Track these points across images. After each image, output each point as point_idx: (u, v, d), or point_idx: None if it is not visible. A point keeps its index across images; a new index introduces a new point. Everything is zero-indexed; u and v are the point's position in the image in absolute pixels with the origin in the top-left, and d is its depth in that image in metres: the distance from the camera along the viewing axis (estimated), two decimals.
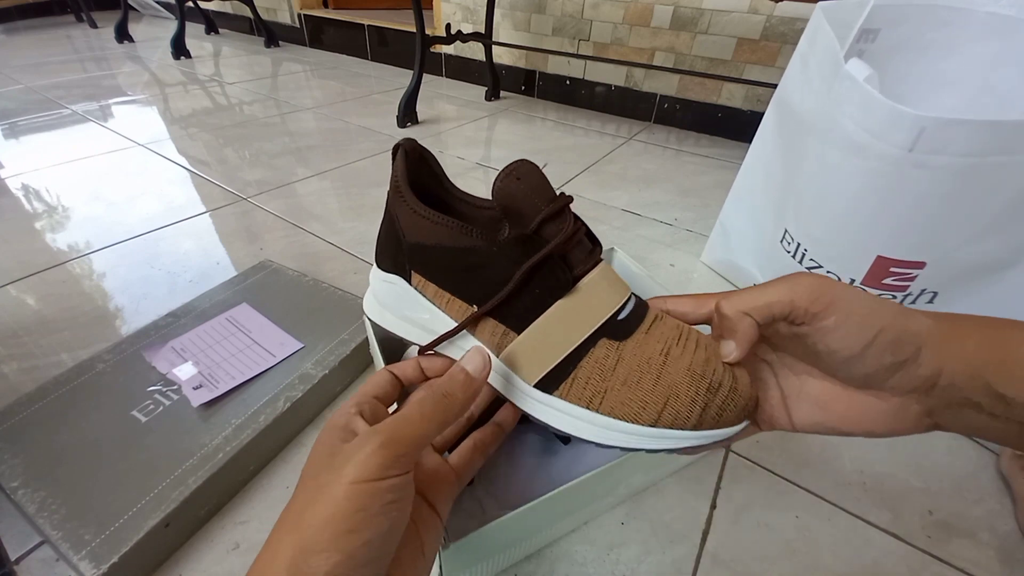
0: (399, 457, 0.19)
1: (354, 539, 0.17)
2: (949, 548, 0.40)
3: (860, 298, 0.22)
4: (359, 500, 0.18)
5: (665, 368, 0.23)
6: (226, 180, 0.93)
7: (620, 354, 0.23)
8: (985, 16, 0.46)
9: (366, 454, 0.19)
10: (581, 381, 0.23)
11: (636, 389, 0.23)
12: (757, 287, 0.24)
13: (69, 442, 0.40)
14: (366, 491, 0.18)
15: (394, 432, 0.20)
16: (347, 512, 0.18)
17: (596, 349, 0.24)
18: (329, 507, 0.18)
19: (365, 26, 1.88)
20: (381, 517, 0.18)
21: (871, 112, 0.42)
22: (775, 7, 1.11)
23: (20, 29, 2.20)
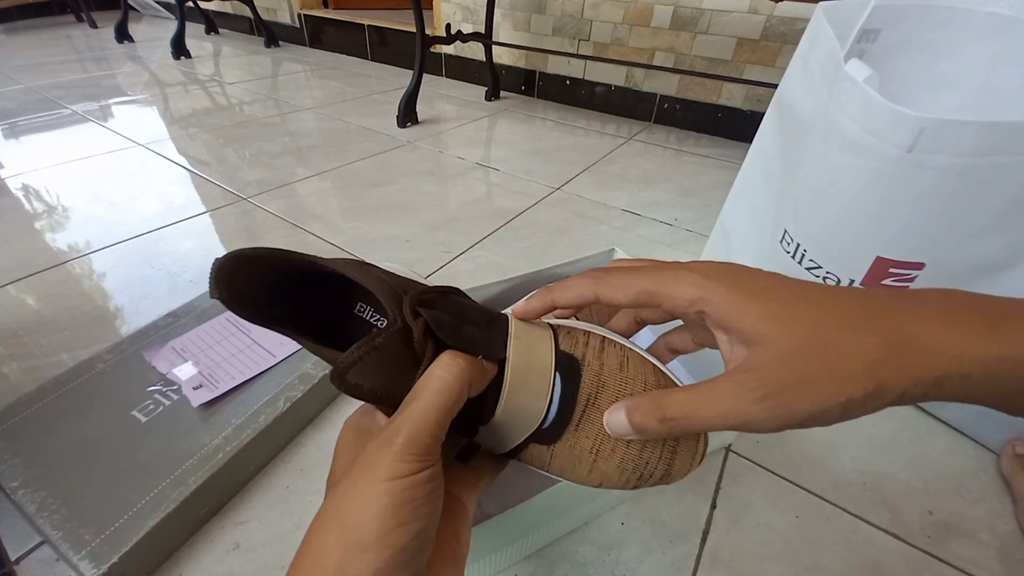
0: (428, 446, 0.19)
1: (404, 533, 0.18)
2: (949, 548, 0.40)
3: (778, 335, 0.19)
4: (403, 494, 0.18)
5: (595, 465, 0.24)
6: (226, 180, 0.93)
7: (552, 453, 0.24)
8: (985, 16, 0.46)
9: (397, 450, 0.19)
10: (526, 459, 0.25)
11: (572, 475, 0.25)
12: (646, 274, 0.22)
13: (69, 442, 0.40)
14: (407, 485, 0.18)
15: (417, 423, 0.20)
16: (394, 508, 0.18)
17: (529, 449, 0.25)
18: (373, 505, 0.18)
19: (365, 26, 1.88)
20: (426, 507, 0.19)
21: (871, 112, 0.42)
22: (775, 7, 1.11)
23: (20, 29, 2.20)
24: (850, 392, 0.17)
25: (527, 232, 0.81)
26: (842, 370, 0.17)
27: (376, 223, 0.81)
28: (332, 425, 0.48)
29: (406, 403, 0.21)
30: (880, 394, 0.17)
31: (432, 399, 0.20)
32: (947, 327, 0.17)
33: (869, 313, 0.18)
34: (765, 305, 0.19)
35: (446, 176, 1.00)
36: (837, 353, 0.18)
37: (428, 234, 0.79)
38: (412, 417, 0.20)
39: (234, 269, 0.23)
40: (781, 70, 1.16)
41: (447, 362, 0.21)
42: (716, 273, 0.21)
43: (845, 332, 0.18)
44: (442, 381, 0.21)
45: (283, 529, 0.39)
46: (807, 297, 0.19)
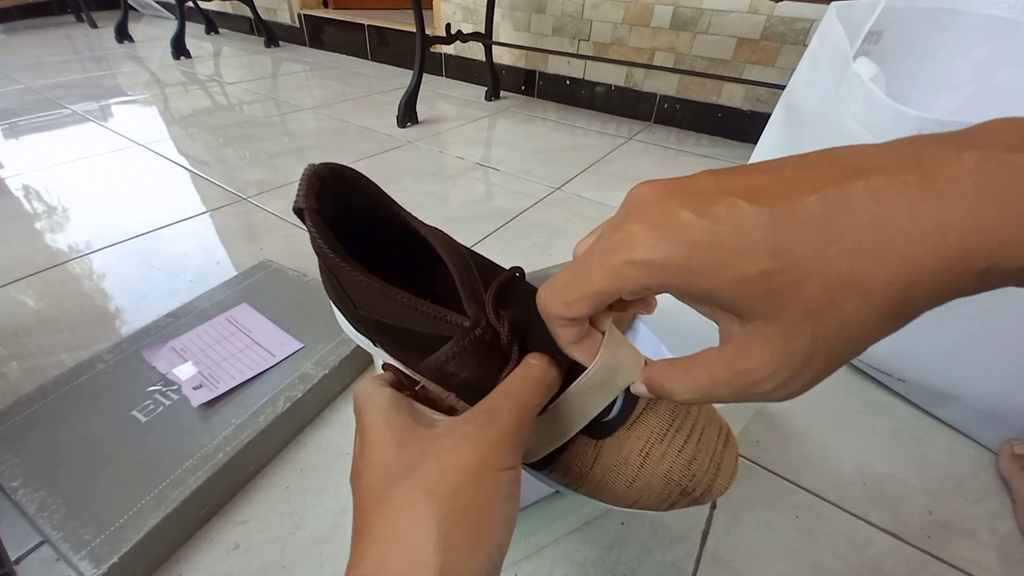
0: (523, 440, 0.19)
1: (508, 530, 0.17)
2: (949, 548, 0.40)
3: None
4: (510, 487, 0.17)
5: (641, 471, 0.23)
6: (226, 180, 0.93)
7: (599, 451, 0.23)
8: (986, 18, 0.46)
9: (501, 437, 0.18)
10: (563, 468, 0.24)
11: (610, 487, 0.24)
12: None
13: (69, 442, 0.40)
14: (513, 478, 0.18)
15: (521, 414, 0.19)
16: (504, 499, 0.17)
17: (576, 445, 0.23)
18: (483, 495, 0.17)
19: (365, 26, 1.88)
20: (518, 500, 0.18)
21: (875, 111, 0.42)
22: (775, 7, 1.11)
23: (20, 29, 2.20)
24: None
25: (527, 232, 0.81)
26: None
27: None
28: (332, 425, 0.48)
29: (496, 396, 0.20)
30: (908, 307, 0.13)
31: (530, 395, 0.20)
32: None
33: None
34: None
35: (446, 176, 1.00)
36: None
37: None
38: (515, 408, 0.19)
39: (327, 182, 0.22)
40: (781, 70, 1.16)
41: (537, 363, 0.20)
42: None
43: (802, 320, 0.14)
44: (537, 380, 0.20)
45: (283, 529, 0.39)
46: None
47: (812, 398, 0.53)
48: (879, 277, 0.12)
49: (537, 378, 0.20)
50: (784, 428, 0.50)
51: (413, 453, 0.18)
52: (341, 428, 0.48)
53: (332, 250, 0.21)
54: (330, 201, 0.22)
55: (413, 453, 0.18)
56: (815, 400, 0.53)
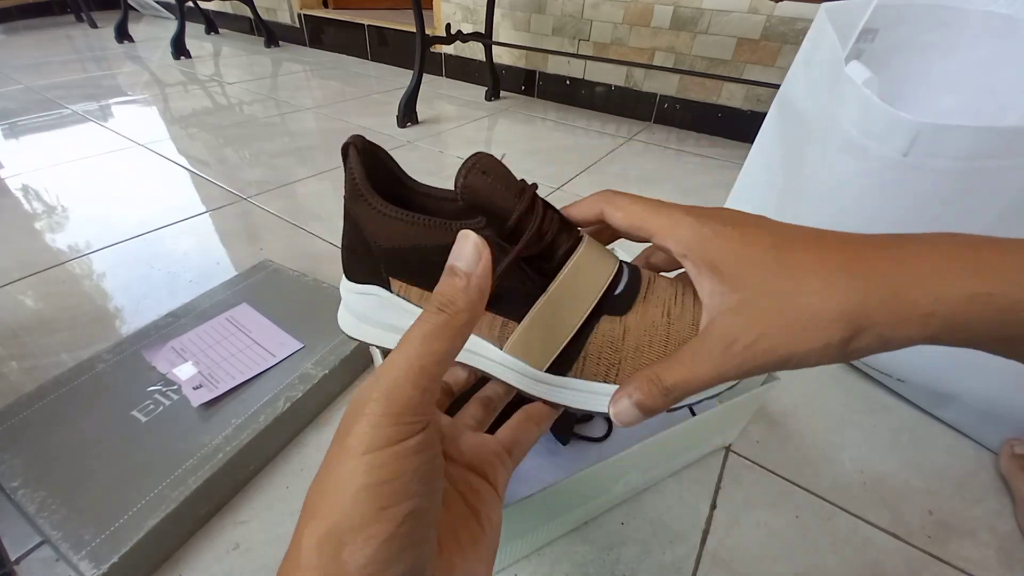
0: (412, 405, 0.16)
1: (390, 518, 0.15)
2: (949, 548, 0.41)
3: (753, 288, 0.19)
4: (384, 470, 0.15)
5: (671, 328, 0.23)
6: (226, 180, 0.93)
7: (625, 325, 0.23)
8: (983, 16, 0.46)
9: (372, 415, 0.15)
10: (593, 358, 0.23)
11: (649, 352, 0.23)
12: (649, 205, 0.22)
13: (69, 442, 0.40)
14: (388, 458, 0.15)
15: (393, 377, 0.16)
16: (373, 488, 0.15)
17: (601, 325, 0.23)
18: (347, 488, 0.15)
19: (365, 26, 1.88)
20: (416, 484, 0.16)
21: (868, 115, 0.42)
22: (775, 7, 1.11)
23: (20, 29, 2.20)
24: (827, 338, 0.17)
25: None
26: (819, 315, 0.17)
27: None
28: (332, 425, 0.48)
29: (390, 355, 0.17)
30: (859, 337, 0.17)
31: (417, 347, 0.16)
32: (930, 267, 0.17)
33: (850, 257, 0.18)
34: (745, 253, 0.19)
35: (446, 176, 1.00)
36: (815, 298, 0.18)
37: None
38: (390, 370, 0.16)
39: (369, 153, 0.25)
40: (781, 70, 1.16)
41: (426, 317, 0.17)
42: (707, 219, 0.21)
43: (823, 276, 0.18)
44: (436, 316, 0.17)
45: (283, 529, 0.39)
46: (790, 242, 0.19)
47: (812, 398, 0.53)
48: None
49: (425, 328, 0.17)
50: (784, 428, 0.50)
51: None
52: None
53: (361, 180, 0.24)
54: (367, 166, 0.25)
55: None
56: (815, 400, 0.53)
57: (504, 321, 0.24)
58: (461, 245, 0.18)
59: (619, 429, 0.47)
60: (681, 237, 0.21)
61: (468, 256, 0.18)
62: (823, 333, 0.17)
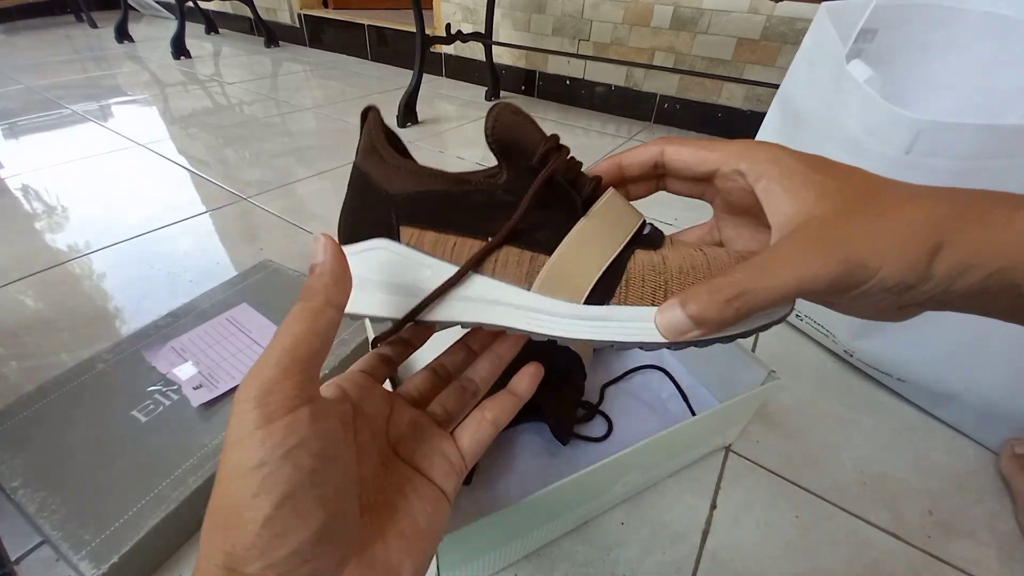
0: (271, 387, 0.16)
1: (263, 502, 0.15)
2: (949, 548, 0.40)
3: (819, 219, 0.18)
4: (249, 456, 0.15)
5: (707, 256, 0.22)
6: (226, 180, 0.93)
7: (663, 255, 0.23)
8: (982, 16, 0.46)
9: (237, 404, 0.16)
10: (636, 281, 0.22)
11: (693, 273, 0.22)
12: (710, 140, 0.23)
13: (69, 442, 0.40)
14: (252, 443, 0.15)
15: (259, 364, 0.16)
16: (243, 473, 0.15)
17: (637, 255, 0.22)
18: (222, 476, 0.16)
19: (365, 26, 1.88)
20: (290, 467, 0.15)
21: (870, 113, 0.42)
22: (775, 7, 1.11)
23: (20, 29, 2.20)
24: (915, 248, 0.17)
25: None
26: (908, 224, 0.17)
27: None
28: None
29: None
30: (942, 256, 0.17)
31: (280, 334, 0.17)
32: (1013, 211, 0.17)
33: (930, 189, 0.19)
34: (818, 162, 0.20)
35: None
36: (902, 206, 0.18)
37: None
38: (258, 360, 0.17)
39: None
40: (781, 70, 1.16)
41: (302, 291, 0.18)
42: (779, 147, 0.21)
43: (905, 191, 0.19)
44: (293, 311, 0.18)
45: None
46: (869, 174, 0.20)
47: (812, 398, 0.53)
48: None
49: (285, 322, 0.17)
50: (784, 428, 0.50)
51: None
52: None
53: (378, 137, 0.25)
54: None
55: None
56: (815, 400, 0.53)
57: (533, 255, 0.22)
58: (314, 245, 0.19)
59: (619, 429, 0.47)
60: (758, 158, 0.21)
61: (318, 251, 0.19)
62: (910, 242, 0.17)
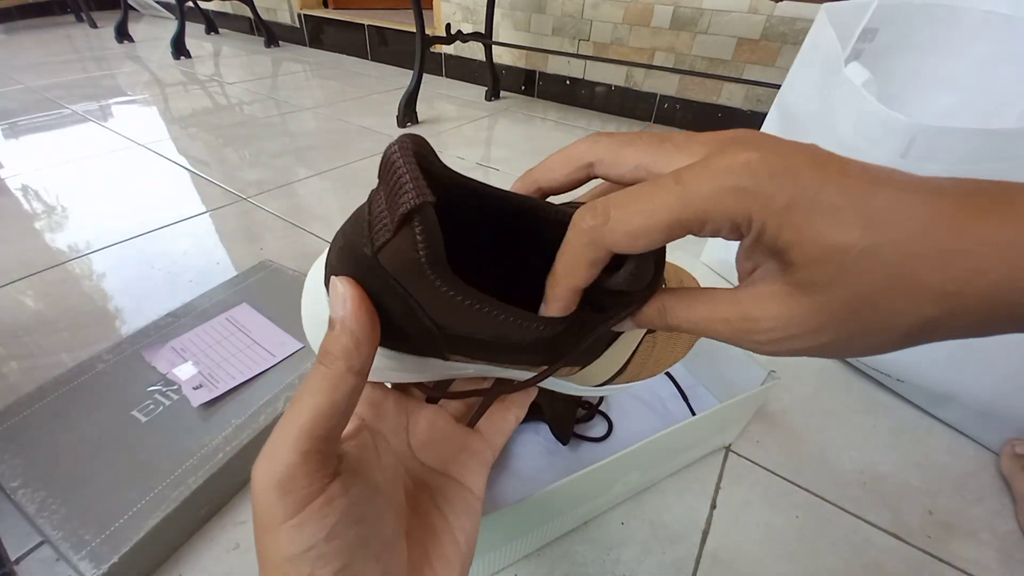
0: (293, 473, 0.15)
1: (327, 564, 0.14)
2: (949, 548, 0.40)
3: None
4: (286, 547, 0.14)
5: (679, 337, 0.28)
6: (226, 180, 0.93)
7: (655, 341, 0.26)
8: (982, 15, 0.46)
9: (259, 494, 0.15)
10: (632, 370, 0.26)
11: (665, 357, 0.28)
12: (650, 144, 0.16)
13: (69, 442, 0.40)
14: (288, 534, 0.14)
15: (274, 448, 0.15)
16: (281, 564, 0.14)
17: (641, 345, 0.26)
18: (270, 572, 0.15)
19: (365, 26, 1.88)
20: (336, 542, 0.15)
21: (866, 117, 0.42)
22: (775, 7, 1.11)
23: (20, 29, 2.20)
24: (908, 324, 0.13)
25: None
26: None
27: None
28: None
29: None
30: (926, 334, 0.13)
31: (296, 409, 0.15)
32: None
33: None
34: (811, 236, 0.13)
35: None
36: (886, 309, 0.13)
37: None
38: (272, 440, 0.15)
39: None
40: (781, 70, 1.16)
41: (319, 353, 0.16)
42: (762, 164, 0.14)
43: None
44: (309, 379, 0.16)
45: None
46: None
47: (812, 398, 0.53)
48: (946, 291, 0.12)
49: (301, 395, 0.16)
50: (784, 428, 0.50)
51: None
52: None
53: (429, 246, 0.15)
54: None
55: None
56: (815, 400, 0.53)
57: (571, 368, 0.23)
58: (332, 296, 0.16)
59: (619, 429, 0.47)
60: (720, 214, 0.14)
61: (337, 304, 0.16)
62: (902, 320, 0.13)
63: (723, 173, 0.13)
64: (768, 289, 0.15)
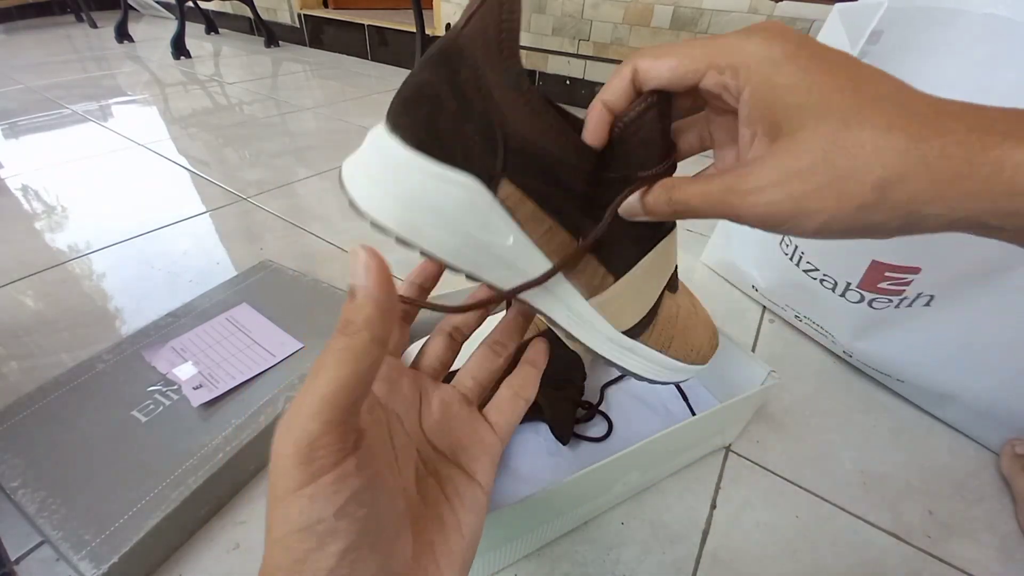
0: (314, 442, 0.14)
1: (328, 556, 0.14)
2: (949, 548, 0.41)
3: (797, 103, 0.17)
4: (299, 517, 0.14)
5: (698, 316, 0.28)
6: (226, 180, 0.93)
7: (678, 304, 0.26)
8: (984, 18, 0.46)
9: (278, 459, 0.15)
10: (659, 328, 0.25)
11: (690, 336, 0.27)
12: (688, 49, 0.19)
13: (69, 442, 0.40)
14: (301, 503, 0.14)
15: (296, 414, 0.15)
16: (292, 534, 0.14)
17: (665, 300, 0.25)
18: (274, 539, 0.15)
19: (365, 26, 1.88)
20: (344, 520, 0.15)
21: None
22: (775, 7, 1.11)
23: (20, 29, 2.20)
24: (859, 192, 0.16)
25: None
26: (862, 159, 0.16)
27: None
28: None
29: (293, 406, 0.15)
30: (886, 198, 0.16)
31: (318, 378, 0.15)
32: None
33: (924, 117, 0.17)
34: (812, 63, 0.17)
35: None
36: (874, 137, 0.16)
37: None
38: (295, 407, 0.15)
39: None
40: None
41: (340, 321, 0.16)
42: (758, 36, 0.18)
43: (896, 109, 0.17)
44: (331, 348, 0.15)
45: None
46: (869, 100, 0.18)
47: (812, 398, 0.53)
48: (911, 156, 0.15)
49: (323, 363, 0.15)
50: (784, 428, 0.50)
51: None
52: None
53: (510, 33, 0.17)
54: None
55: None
56: (815, 400, 0.53)
57: (605, 273, 0.23)
58: (352, 261, 0.16)
59: (619, 429, 0.47)
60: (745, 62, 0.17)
61: (358, 271, 0.16)
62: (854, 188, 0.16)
63: (727, 36, 0.18)
64: (753, 155, 0.18)
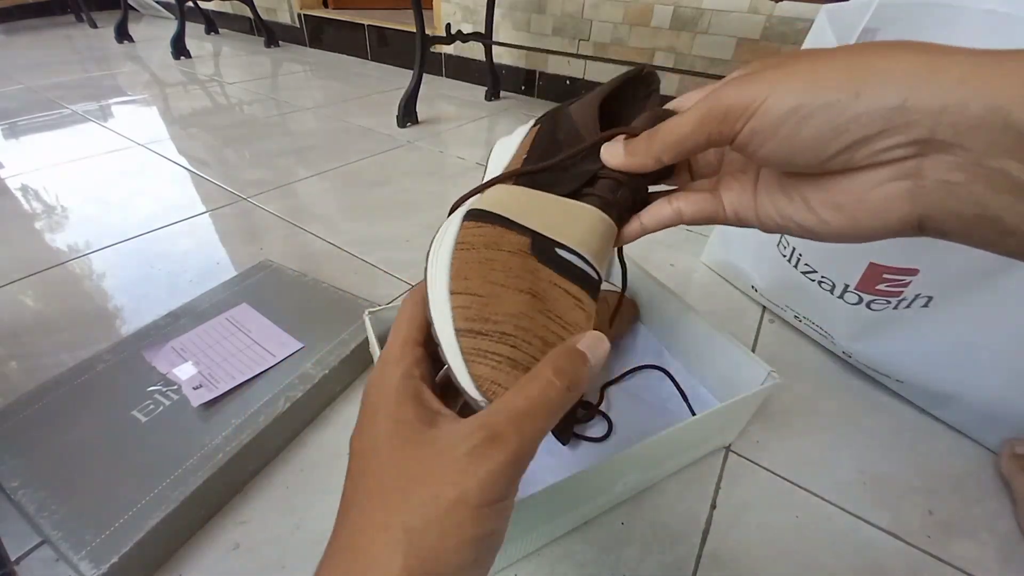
0: (524, 468, 0.17)
1: (481, 567, 0.16)
2: (949, 548, 0.40)
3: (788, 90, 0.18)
4: (490, 523, 0.16)
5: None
6: (226, 180, 0.93)
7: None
8: (983, 14, 0.46)
9: (495, 471, 0.16)
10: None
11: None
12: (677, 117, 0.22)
13: (69, 442, 0.40)
14: (496, 513, 0.16)
15: (523, 441, 0.16)
16: (478, 539, 0.16)
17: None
18: (457, 535, 0.15)
19: (365, 26, 1.88)
20: (502, 533, 0.17)
21: None
22: (775, 7, 1.10)
23: (20, 29, 2.20)
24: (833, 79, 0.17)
25: None
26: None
27: (376, 223, 0.81)
28: (332, 425, 0.48)
29: (504, 416, 0.17)
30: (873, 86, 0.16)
31: (543, 422, 0.17)
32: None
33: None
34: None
35: (446, 176, 1.00)
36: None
37: (428, 234, 0.79)
38: (520, 440, 0.16)
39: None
40: None
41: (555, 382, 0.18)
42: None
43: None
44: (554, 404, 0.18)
45: (283, 529, 0.39)
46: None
47: (812, 398, 0.53)
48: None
49: (554, 402, 0.17)
50: (784, 428, 0.50)
51: (406, 458, 0.17)
52: (341, 428, 0.48)
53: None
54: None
55: (406, 458, 0.17)
56: (815, 400, 0.53)
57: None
58: (591, 339, 0.20)
59: (619, 429, 0.47)
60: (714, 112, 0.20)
61: (600, 355, 0.20)
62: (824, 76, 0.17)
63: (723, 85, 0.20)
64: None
